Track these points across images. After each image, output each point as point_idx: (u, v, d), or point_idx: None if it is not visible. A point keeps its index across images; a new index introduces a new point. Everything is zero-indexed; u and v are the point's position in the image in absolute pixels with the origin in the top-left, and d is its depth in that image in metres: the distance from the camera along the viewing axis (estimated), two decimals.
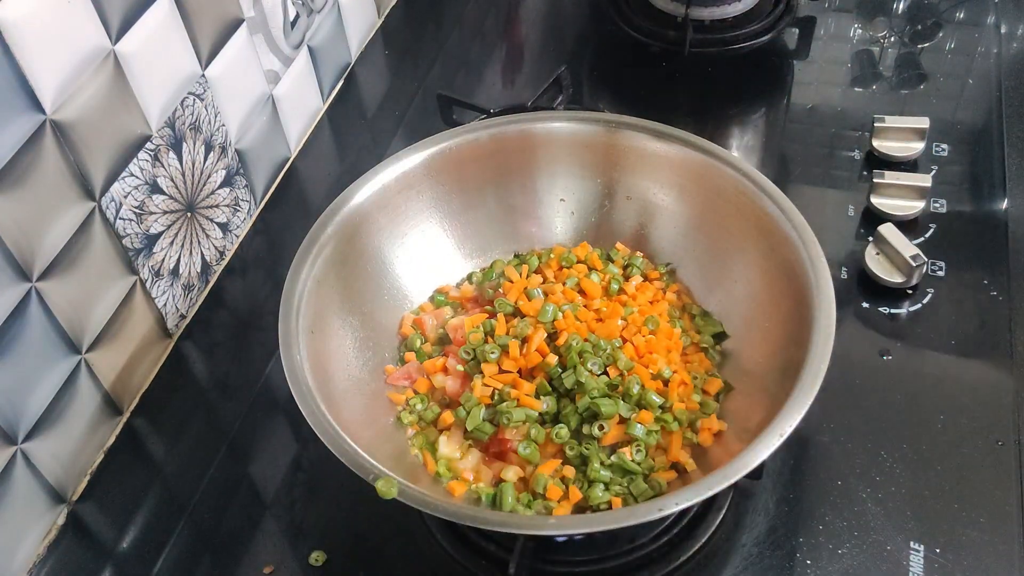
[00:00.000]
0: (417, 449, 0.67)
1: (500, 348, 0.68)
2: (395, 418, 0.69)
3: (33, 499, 0.68)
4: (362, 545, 0.67)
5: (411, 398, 0.70)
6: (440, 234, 0.78)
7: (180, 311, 0.83)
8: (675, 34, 1.05)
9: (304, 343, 0.64)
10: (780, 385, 0.61)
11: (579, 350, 0.67)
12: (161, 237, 0.78)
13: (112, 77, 0.69)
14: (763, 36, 1.06)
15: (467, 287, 0.77)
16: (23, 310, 0.64)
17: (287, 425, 0.75)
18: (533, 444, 0.64)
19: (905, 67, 1.03)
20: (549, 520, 0.60)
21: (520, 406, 0.65)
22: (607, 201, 0.79)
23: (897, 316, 0.79)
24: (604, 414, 0.63)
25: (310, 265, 0.68)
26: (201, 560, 0.68)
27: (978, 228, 0.85)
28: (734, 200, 0.71)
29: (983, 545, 0.64)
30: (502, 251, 0.80)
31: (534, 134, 0.77)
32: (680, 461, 0.64)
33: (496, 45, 1.14)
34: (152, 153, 0.75)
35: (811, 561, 0.64)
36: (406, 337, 0.74)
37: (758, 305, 0.70)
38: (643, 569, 0.64)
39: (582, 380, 0.65)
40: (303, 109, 1.00)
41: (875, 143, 0.91)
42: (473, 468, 0.66)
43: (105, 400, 0.74)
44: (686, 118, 0.99)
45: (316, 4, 0.96)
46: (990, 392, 0.72)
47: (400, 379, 0.71)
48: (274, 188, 0.96)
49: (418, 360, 0.72)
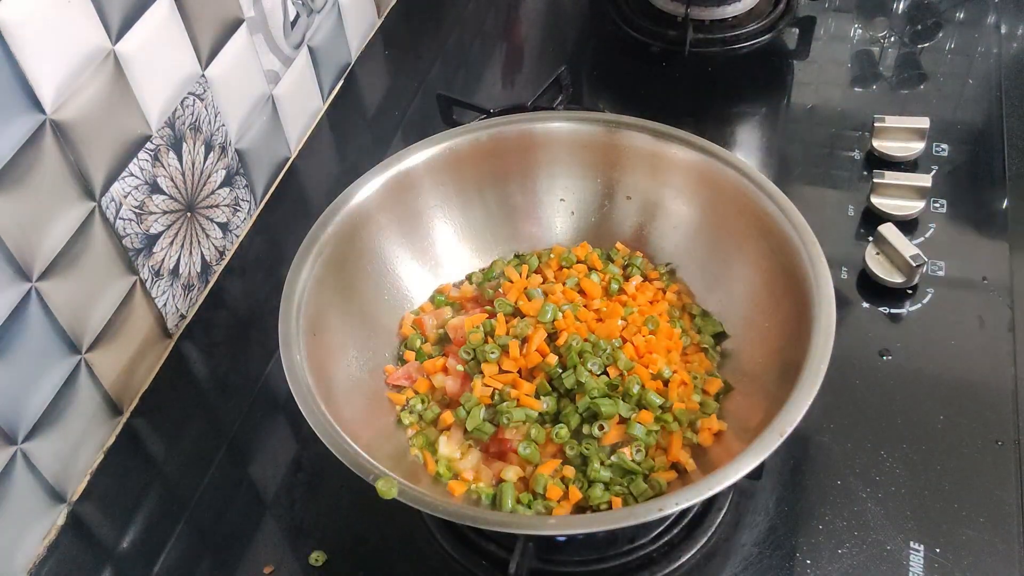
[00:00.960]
0: (417, 449, 0.67)
1: (500, 348, 0.68)
2: (395, 418, 0.69)
3: (33, 499, 0.68)
4: (362, 545, 0.67)
5: (411, 398, 0.70)
6: (440, 234, 0.78)
7: (180, 311, 0.83)
8: (675, 34, 1.05)
9: (304, 343, 0.64)
10: (780, 385, 0.61)
11: (579, 350, 0.67)
12: (161, 237, 0.78)
13: (112, 77, 0.69)
14: (763, 36, 1.06)
15: (467, 287, 0.77)
16: (23, 310, 0.64)
17: (287, 425, 0.75)
18: (533, 444, 0.64)
19: (905, 67, 1.03)
20: (549, 520, 0.60)
21: (520, 406, 0.65)
22: (607, 201, 0.79)
23: (897, 316, 0.79)
24: (604, 414, 0.63)
25: (310, 265, 0.68)
26: (201, 560, 0.68)
27: (978, 228, 0.85)
28: (734, 200, 0.71)
29: (983, 545, 0.64)
30: (502, 251, 0.80)
31: (534, 134, 0.77)
32: (680, 461, 0.64)
33: (496, 45, 1.14)
34: (152, 153, 0.75)
35: (811, 561, 0.64)
36: (406, 337, 0.74)
37: (758, 305, 0.70)
38: (643, 569, 0.64)
39: (582, 380, 0.65)
40: (303, 109, 1.00)
41: (875, 143, 0.91)
42: (473, 468, 0.66)
43: (105, 400, 0.74)
44: (686, 118, 0.99)
45: (316, 4, 0.96)
46: (990, 392, 0.72)
47: (400, 379, 0.71)
48: (274, 188, 0.96)
49: (418, 360, 0.72)
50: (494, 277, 0.77)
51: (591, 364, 0.66)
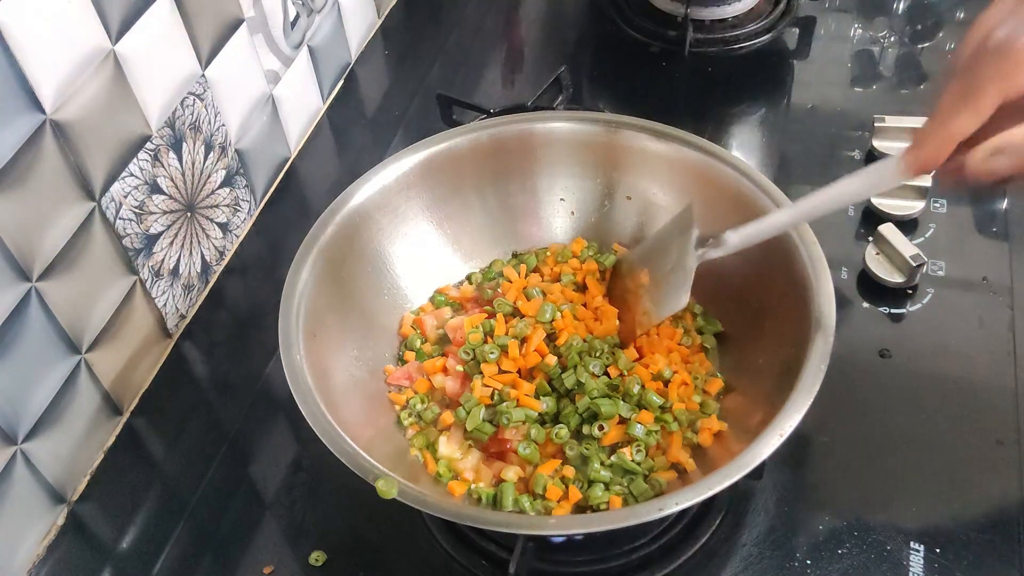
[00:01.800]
0: (417, 449, 0.67)
1: (499, 348, 0.68)
2: (395, 418, 0.70)
3: (33, 499, 0.68)
4: (362, 545, 0.67)
5: (411, 398, 0.70)
6: (440, 234, 0.78)
7: (180, 311, 0.83)
8: (675, 34, 1.05)
9: (304, 343, 0.64)
10: (780, 385, 0.61)
11: (579, 350, 0.67)
12: (161, 237, 0.78)
13: (112, 77, 0.69)
14: (763, 36, 1.06)
15: (467, 287, 0.77)
16: (23, 310, 0.64)
17: (287, 425, 0.75)
18: (533, 444, 0.64)
19: (905, 67, 1.03)
20: (549, 520, 0.60)
21: (520, 406, 0.65)
22: (607, 201, 0.79)
23: (897, 316, 0.79)
24: (604, 414, 0.63)
25: (310, 265, 0.68)
26: (201, 560, 0.68)
27: (978, 228, 0.85)
28: (734, 200, 0.71)
29: (983, 545, 0.64)
30: (502, 251, 0.80)
31: (534, 134, 0.77)
32: (680, 461, 0.64)
33: (496, 45, 1.14)
34: (152, 153, 0.75)
35: (811, 561, 0.64)
36: (406, 337, 0.74)
37: (758, 305, 0.70)
38: (643, 569, 0.64)
39: (582, 380, 0.65)
40: (303, 109, 1.00)
41: (875, 143, 0.91)
42: (473, 468, 0.66)
43: (105, 400, 0.74)
44: (686, 118, 0.99)
45: (316, 4, 0.96)
46: (990, 392, 0.72)
47: (400, 379, 0.71)
48: (274, 188, 0.96)
49: (418, 360, 0.72)
50: (493, 277, 0.77)
51: (592, 365, 0.66)
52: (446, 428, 0.68)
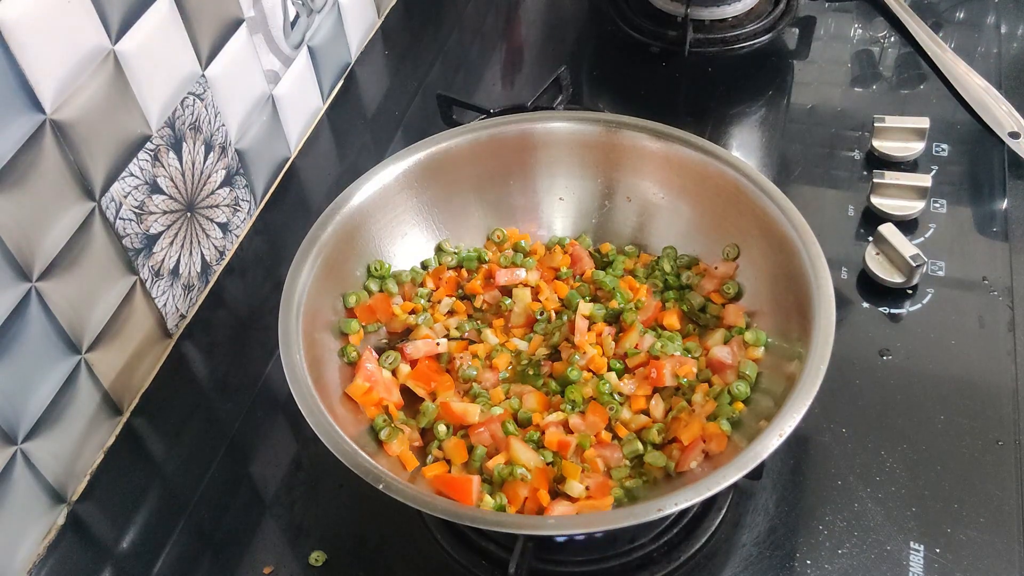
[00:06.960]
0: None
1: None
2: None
3: (33, 499, 0.68)
4: (362, 545, 0.68)
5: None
6: (440, 234, 0.78)
7: (180, 311, 0.83)
8: (675, 34, 1.05)
9: (304, 343, 0.64)
10: (780, 385, 0.61)
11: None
12: (161, 237, 0.78)
13: (112, 77, 0.69)
14: (763, 36, 1.06)
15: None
16: (23, 310, 0.64)
17: (287, 425, 0.75)
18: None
19: (905, 67, 1.03)
20: (549, 520, 0.60)
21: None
22: (607, 201, 0.79)
23: (897, 316, 0.79)
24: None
25: (310, 265, 0.68)
26: (201, 560, 0.68)
27: (978, 228, 0.85)
28: (734, 200, 0.71)
29: (983, 545, 0.64)
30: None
31: (534, 134, 0.77)
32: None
33: (496, 45, 1.14)
34: (152, 153, 0.75)
35: (811, 561, 0.64)
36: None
37: (758, 305, 0.70)
38: (643, 569, 0.64)
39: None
40: (303, 109, 1.00)
41: (875, 143, 0.91)
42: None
43: (105, 400, 0.74)
44: (686, 118, 0.99)
45: (316, 4, 0.96)
46: (990, 392, 0.72)
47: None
48: (274, 188, 0.96)
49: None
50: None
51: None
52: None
